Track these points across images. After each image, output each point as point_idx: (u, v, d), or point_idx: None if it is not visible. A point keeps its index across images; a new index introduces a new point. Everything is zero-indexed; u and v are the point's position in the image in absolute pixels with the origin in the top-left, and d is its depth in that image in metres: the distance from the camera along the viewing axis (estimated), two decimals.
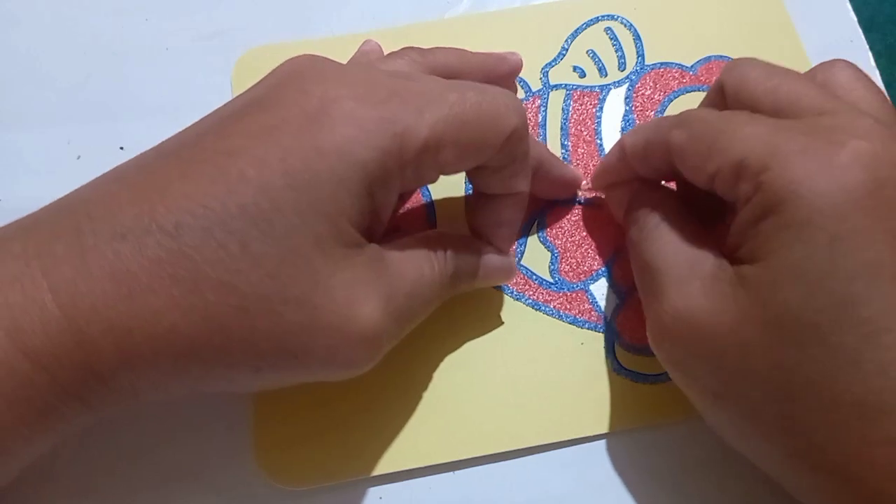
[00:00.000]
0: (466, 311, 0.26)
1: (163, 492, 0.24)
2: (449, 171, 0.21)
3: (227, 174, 0.18)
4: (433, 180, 0.21)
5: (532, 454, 0.25)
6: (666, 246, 0.21)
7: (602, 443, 0.25)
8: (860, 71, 0.21)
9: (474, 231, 0.24)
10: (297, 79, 0.20)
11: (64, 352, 0.17)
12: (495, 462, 0.25)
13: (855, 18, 0.32)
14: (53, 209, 0.19)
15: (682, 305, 0.19)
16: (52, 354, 0.16)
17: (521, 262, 0.27)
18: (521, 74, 0.31)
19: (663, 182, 0.25)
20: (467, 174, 0.23)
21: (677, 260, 0.20)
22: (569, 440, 0.25)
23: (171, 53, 0.31)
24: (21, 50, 0.31)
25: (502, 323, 0.26)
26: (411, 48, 0.24)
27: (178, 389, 0.19)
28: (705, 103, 0.24)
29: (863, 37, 0.32)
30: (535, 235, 0.28)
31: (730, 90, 0.21)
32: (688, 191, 0.23)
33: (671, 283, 0.20)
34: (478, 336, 0.26)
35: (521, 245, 0.28)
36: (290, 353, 0.18)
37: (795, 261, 0.17)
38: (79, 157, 0.29)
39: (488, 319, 0.27)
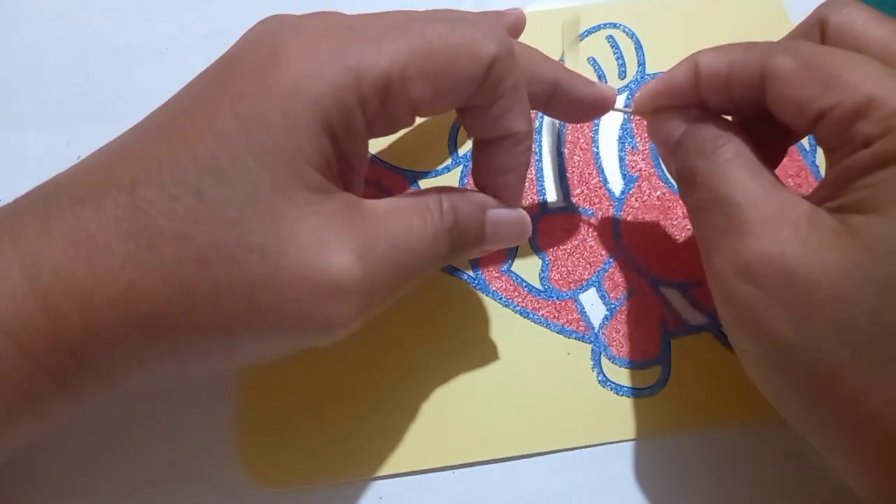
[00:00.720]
0: (454, 316, 0.27)
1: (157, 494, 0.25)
2: (425, 111, 0.20)
3: (181, 129, 0.18)
4: (409, 123, 0.20)
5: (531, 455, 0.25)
6: (749, 180, 0.19)
7: (602, 445, 0.25)
8: None
9: (480, 187, 0.22)
10: (254, 34, 0.20)
11: (31, 320, 0.16)
12: (495, 462, 0.25)
13: None
14: (31, 191, 0.19)
15: (772, 248, 0.18)
16: (19, 323, 0.16)
17: (512, 269, 0.27)
18: None
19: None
20: (459, 119, 0.22)
21: (763, 197, 0.19)
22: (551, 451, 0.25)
23: (171, 53, 0.31)
24: (21, 50, 0.31)
25: (490, 337, 0.27)
26: (402, 10, 0.22)
27: (157, 367, 0.18)
28: (796, 35, 0.21)
29: None
30: (528, 242, 0.28)
31: (835, 27, 0.20)
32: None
33: (758, 222, 0.18)
34: (465, 343, 0.26)
35: (511, 251, 0.28)
36: (259, 310, 0.17)
37: None
38: (79, 157, 0.29)
39: (476, 326, 0.27)
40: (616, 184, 0.29)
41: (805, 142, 0.29)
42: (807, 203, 0.18)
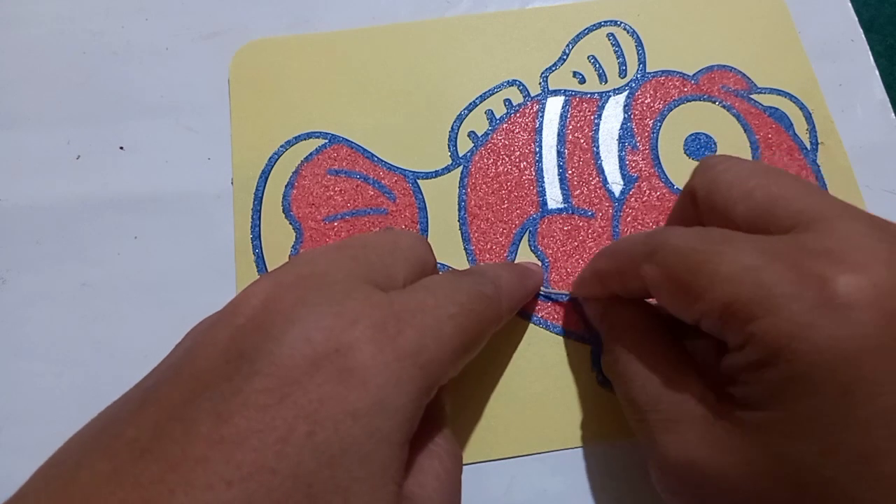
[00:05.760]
0: None
1: None
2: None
3: (242, 468, 0.14)
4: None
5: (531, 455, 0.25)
6: (646, 381, 0.20)
7: (602, 445, 0.25)
8: None
9: None
10: (280, 317, 0.16)
11: None
12: (495, 462, 0.25)
13: (856, 19, 0.32)
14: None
15: (678, 456, 0.18)
16: None
17: None
18: (519, 77, 0.31)
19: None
20: None
21: (660, 398, 0.19)
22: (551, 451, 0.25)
23: (171, 53, 0.31)
24: (21, 50, 0.31)
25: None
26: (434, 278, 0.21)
27: None
28: (677, 208, 0.22)
29: (863, 37, 0.31)
30: (527, 244, 0.28)
31: (701, 196, 0.20)
32: None
33: (660, 429, 0.19)
34: None
35: (511, 253, 0.28)
36: None
37: (806, 414, 0.15)
38: (79, 157, 0.29)
39: None
40: (616, 184, 0.29)
41: (806, 140, 0.29)
42: (699, 392, 0.18)
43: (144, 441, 0.14)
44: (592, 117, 0.30)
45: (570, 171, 0.29)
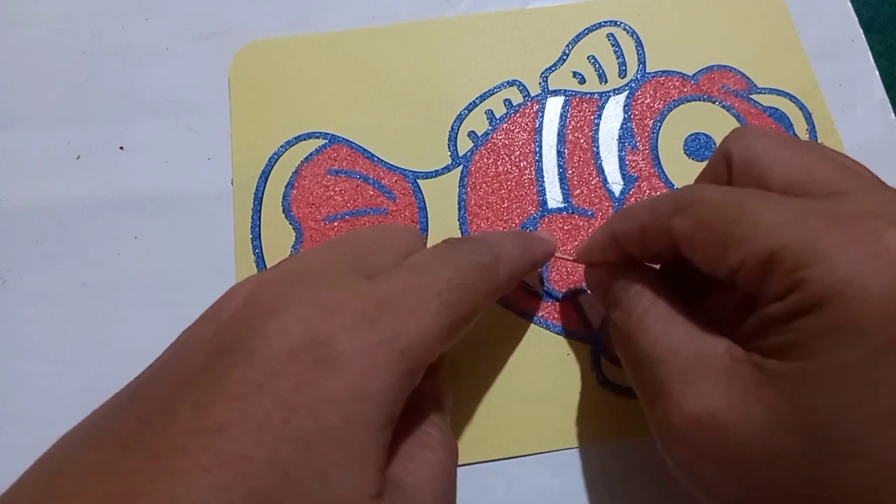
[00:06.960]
0: None
1: None
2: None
3: (219, 456, 0.14)
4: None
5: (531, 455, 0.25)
6: (663, 333, 0.19)
7: (602, 445, 0.25)
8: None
9: None
10: (260, 311, 0.17)
11: None
12: (495, 462, 0.25)
13: (856, 19, 0.32)
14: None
15: (695, 406, 0.17)
16: None
17: None
18: (519, 77, 0.31)
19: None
20: None
21: (679, 349, 0.18)
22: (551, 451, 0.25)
23: (171, 53, 0.31)
24: (21, 50, 0.31)
25: (490, 338, 0.26)
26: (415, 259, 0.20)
27: None
28: (707, 173, 0.22)
29: (863, 37, 0.31)
30: None
31: (738, 159, 0.20)
32: (672, 265, 0.21)
33: (677, 380, 0.18)
34: (465, 345, 0.26)
35: None
36: None
37: (842, 365, 0.15)
38: (79, 157, 0.29)
39: (476, 327, 0.27)
40: (616, 184, 0.29)
41: (806, 139, 0.29)
42: (724, 345, 0.18)
43: (128, 434, 0.15)
44: (592, 117, 0.30)
45: (570, 171, 0.29)
